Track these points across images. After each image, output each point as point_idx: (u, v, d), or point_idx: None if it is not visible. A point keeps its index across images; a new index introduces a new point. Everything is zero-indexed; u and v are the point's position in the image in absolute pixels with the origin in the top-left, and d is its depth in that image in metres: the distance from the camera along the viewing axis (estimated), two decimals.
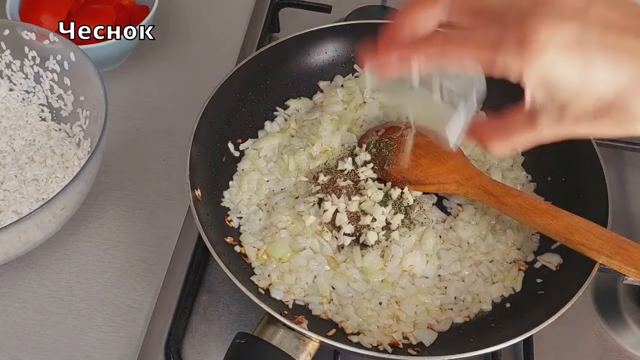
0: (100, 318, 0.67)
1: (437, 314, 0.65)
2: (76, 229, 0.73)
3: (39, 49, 0.76)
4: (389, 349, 0.61)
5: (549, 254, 0.68)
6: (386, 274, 0.66)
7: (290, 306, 0.64)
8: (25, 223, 0.60)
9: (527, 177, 0.76)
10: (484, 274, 0.68)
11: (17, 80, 0.79)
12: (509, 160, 0.77)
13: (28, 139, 0.76)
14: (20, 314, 0.68)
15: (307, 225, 0.68)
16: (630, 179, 0.81)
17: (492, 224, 0.71)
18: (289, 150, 0.76)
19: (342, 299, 0.65)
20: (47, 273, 0.70)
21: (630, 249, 0.59)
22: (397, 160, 0.71)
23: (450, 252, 0.68)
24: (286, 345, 0.57)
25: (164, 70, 0.90)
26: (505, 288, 0.67)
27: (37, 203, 0.69)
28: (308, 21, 0.92)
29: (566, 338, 0.68)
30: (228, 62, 0.88)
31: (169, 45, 0.92)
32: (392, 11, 0.96)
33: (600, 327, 0.69)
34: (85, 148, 0.74)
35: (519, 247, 0.70)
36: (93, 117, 0.73)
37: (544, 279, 0.66)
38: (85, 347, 0.65)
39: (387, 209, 0.69)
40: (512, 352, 0.67)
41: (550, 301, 0.61)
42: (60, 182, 0.71)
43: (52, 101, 0.78)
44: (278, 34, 0.97)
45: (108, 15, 0.84)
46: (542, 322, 0.58)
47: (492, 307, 0.66)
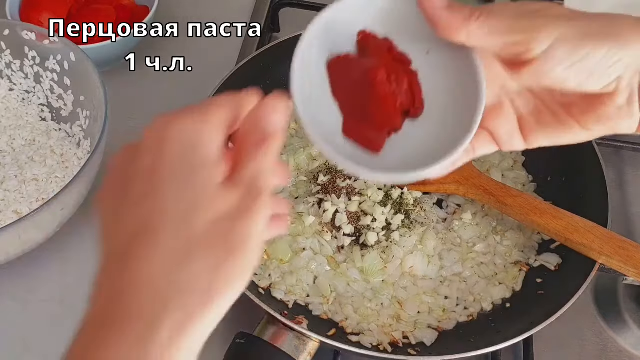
0: None
1: (439, 315, 0.65)
2: (76, 229, 0.73)
3: (39, 49, 0.76)
4: (389, 349, 0.61)
5: (548, 254, 0.68)
6: (386, 275, 0.66)
7: (290, 306, 0.64)
8: (25, 223, 0.60)
9: (527, 177, 0.76)
10: (486, 275, 0.68)
11: (17, 80, 0.79)
12: (509, 161, 0.77)
13: (28, 139, 0.76)
14: (20, 314, 0.67)
15: (307, 225, 0.68)
16: (630, 179, 0.81)
17: (493, 226, 0.71)
18: (288, 150, 0.76)
19: (342, 299, 0.65)
20: (47, 273, 0.70)
21: (631, 249, 0.59)
22: None
23: (451, 253, 0.68)
24: (286, 345, 0.57)
25: (164, 69, 0.90)
26: (507, 289, 0.67)
27: (37, 203, 0.69)
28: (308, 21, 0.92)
29: (566, 338, 0.68)
30: (228, 62, 0.88)
31: (169, 45, 0.92)
32: None
33: (600, 327, 0.69)
34: (85, 148, 0.74)
35: (521, 249, 0.70)
36: (93, 117, 0.73)
37: (544, 279, 0.66)
38: None
39: (387, 209, 0.69)
40: (512, 352, 0.67)
41: (550, 301, 0.61)
42: (60, 182, 0.71)
43: (52, 101, 0.78)
44: (278, 34, 0.97)
45: (108, 15, 0.84)
46: (542, 322, 0.58)
47: (492, 307, 0.66)
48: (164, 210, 0.34)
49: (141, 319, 0.32)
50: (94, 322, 0.34)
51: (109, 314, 0.33)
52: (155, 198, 0.35)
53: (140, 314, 0.33)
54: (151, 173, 0.35)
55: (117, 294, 0.34)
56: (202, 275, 0.33)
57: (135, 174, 0.36)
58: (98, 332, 0.33)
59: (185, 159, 0.36)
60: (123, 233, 0.35)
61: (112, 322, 0.33)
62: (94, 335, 0.33)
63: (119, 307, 0.33)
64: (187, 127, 0.36)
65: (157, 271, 0.33)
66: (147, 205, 0.35)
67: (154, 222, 0.34)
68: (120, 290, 0.33)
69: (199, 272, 0.33)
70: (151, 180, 0.35)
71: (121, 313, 0.33)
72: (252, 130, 0.37)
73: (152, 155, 0.36)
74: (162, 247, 0.33)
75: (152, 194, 0.35)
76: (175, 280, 0.33)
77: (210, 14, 0.97)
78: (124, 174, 0.37)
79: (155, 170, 0.35)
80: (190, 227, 0.34)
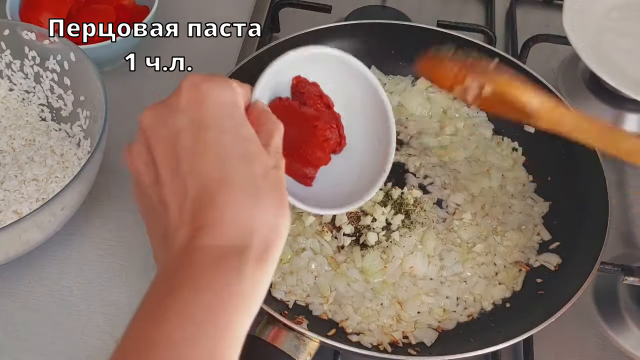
0: (101, 318, 0.67)
1: (439, 315, 0.65)
2: (76, 229, 0.73)
3: (39, 49, 0.76)
4: (389, 349, 0.61)
5: (548, 254, 0.68)
6: (386, 275, 0.66)
7: (290, 306, 0.64)
8: (25, 223, 0.60)
9: (527, 177, 0.76)
10: (486, 275, 0.68)
11: (17, 80, 0.79)
12: (509, 161, 0.77)
13: (28, 139, 0.76)
14: (20, 315, 0.67)
15: (307, 225, 0.68)
16: (630, 180, 0.81)
17: (494, 226, 0.71)
18: None
19: (342, 299, 0.65)
20: (47, 273, 0.70)
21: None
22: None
23: (452, 253, 0.68)
24: (286, 345, 0.57)
25: (164, 69, 0.90)
26: (507, 289, 0.67)
27: (37, 203, 0.69)
28: (308, 21, 0.92)
29: (566, 338, 0.68)
30: (228, 62, 0.88)
31: (169, 45, 0.92)
32: (392, 11, 0.96)
33: (600, 328, 0.69)
34: (85, 148, 0.74)
35: (521, 249, 0.69)
36: (93, 117, 0.73)
37: (544, 279, 0.66)
38: (85, 348, 0.65)
39: (387, 209, 0.69)
40: (512, 352, 0.67)
41: (550, 301, 0.61)
42: (60, 182, 0.71)
43: (52, 101, 0.78)
44: (278, 33, 0.97)
45: (108, 15, 0.84)
46: (542, 322, 0.58)
47: (492, 307, 0.66)
48: (228, 158, 0.40)
49: (234, 250, 0.37)
50: (171, 272, 0.38)
51: (190, 259, 0.37)
52: (219, 147, 0.40)
53: (232, 248, 0.37)
54: (198, 128, 0.41)
55: (197, 239, 0.38)
56: (270, 212, 0.40)
57: (179, 130, 0.41)
58: (179, 277, 0.37)
59: (230, 116, 0.42)
60: (195, 180, 0.39)
61: (195, 264, 0.37)
62: (175, 281, 0.37)
63: (201, 250, 0.37)
64: (224, 90, 0.43)
65: (241, 212, 0.38)
66: (209, 154, 0.40)
67: (225, 169, 0.39)
68: (202, 234, 0.38)
69: (269, 210, 0.40)
70: (201, 134, 0.40)
71: (207, 252, 0.37)
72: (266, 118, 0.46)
73: (191, 112, 0.41)
74: (237, 190, 0.39)
75: (212, 144, 0.40)
76: (257, 216, 0.39)
77: (210, 14, 0.97)
78: (164, 131, 0.41)
79: (203, 125, 0.41)
80: (254, 174, 0.40)
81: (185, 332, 0.34)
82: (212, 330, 0.35)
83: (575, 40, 0.81)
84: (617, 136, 0.53)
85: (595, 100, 0.87)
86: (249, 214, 0.39)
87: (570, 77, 0.91)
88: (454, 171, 0.76)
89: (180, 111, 0.41)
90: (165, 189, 0.40)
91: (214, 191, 0.39)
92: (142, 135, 0.43)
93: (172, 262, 0.38)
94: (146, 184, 0.42)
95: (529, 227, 0.71)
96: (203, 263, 0.37)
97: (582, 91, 0.88)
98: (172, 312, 0.35)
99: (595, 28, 0.85)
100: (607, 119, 0.85)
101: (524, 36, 0.93)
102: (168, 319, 0.35)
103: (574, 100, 0.85)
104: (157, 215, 0.41)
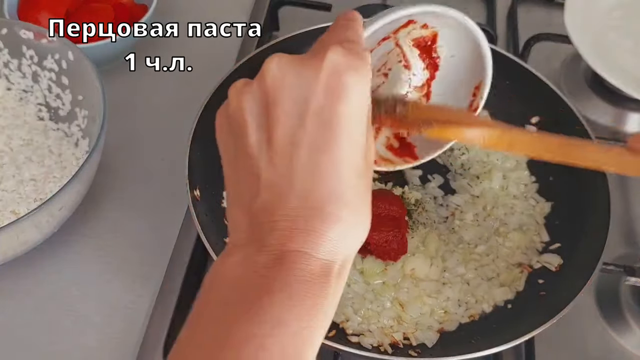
0: (99, 319, 0.66)
1: (440, 316, 0.64)
2: (74, 229, 0.73)
3: (37, 48, 0.75)
4: (390, 350, 0.61)
5: (549, 254, 0.68)
6: (387, 277, 0.66)
7: None
8: (23, 223, 0.60)
9: (530, 177, 0.75)
10: (488, 276, 0.67)
11: (14, 79, 0.78)
12: (511, 161, 0.76)
13: (25, 139, 0.75)
14: (18, 315, 0.67)
15: None
16: (631, 180, 0.81)
17: (495, 227, 0.70)
18: None
19: (342, 300, 0.65)
20: (45, 274, 0.70)
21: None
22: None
23: (454, 255, 0.68)
24: None
25: (164, 69, 0.89)
26: (509, 290, 0.66)
27: (34, 203, 0.69)
28: (308, 20, 0.92)
29: (568, 339, 0.68)
30: (228, 62, 0.88)
31: (169, 45, 0.91)
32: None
33: (602, 329, 0.69)
34: (83, 148, 0.74)
35: (523, 250, 0.69)
36: (91, 116, 0.72)
37: (545, 280, 0.66)
38: (83, 348, 0.65)
39: None
40: (513, 354, 0.66)
41: (551, 302, 0.61)
42: (58, 182, 0.71)
43: (50, 100, 0.78)
44: (278, 32, 0.96)
45: (107, 14, 0.84)
46: (543, 323, 0.57)
47: (493, 309, 0.65)
48: (346, 169, 0.38)
49: (326, 265, 0.37)
50: (265, 267, 0.37)
51: (290, 264, 0.36)
52: (340, 152, 0.37)
53: (325, 263, 0.37)
54: (329, 123, 0.37)
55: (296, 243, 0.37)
56: (361, 231, 0.39)
57: (310, 110, 0.37)
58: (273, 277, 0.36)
59: (360, 122, 0.39)
60: (308, 176, 0.37)
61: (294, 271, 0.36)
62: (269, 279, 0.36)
63: (301, 257, 0.36)
64: (365, 91, 0.39)
65: (342, 229, 0.37)
66: (330, 158, 0.37)
67: (340, 180, 0.37)
68: (302, 240, 0.37)
69: (360, 229, 0.39)
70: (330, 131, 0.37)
71: (306, 261, 0.36)
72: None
73: (326, 99, 0.38)
74: (344, 206, 0.37)
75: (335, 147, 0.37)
76: (351, 235, 0.38)
77: (210, 14, 0.96)
78: (296, 92, 0.38)
79: (335, 123, 0.38)
80: (360, 191, 0.39)
81: (275, 339, 0.34)
82: (301, 344, 0.36)
83: (577, 39, 0.80)
84: (580, 148, 0.52)
85: (597, 99, 0.86)
86: (346, 233, 0.38)
87: (572, 76, 0.90)
88: (455, 172, 0.76)
89: (319, 85, 0.37)
90: (274, 161, 0.37)
91: (323, 200, 0.37)
92: (262, 83, 0.38)
93: (266, 253, 0.37)
94: (250, 142, 0.38)
95: (531, 227, 0.71)
96: (300, 271, 0.36)
97: (584, 90, 0.88)
98: (269, 315, 0.35)
99: (597, 27, 0.85)
100: (609, 118, 0.85)
101: (525, 35, 0.93)
102: (264, 321, 0.35)
103: (576, 99, 0.84)
104: (250, 178, 0.38)
